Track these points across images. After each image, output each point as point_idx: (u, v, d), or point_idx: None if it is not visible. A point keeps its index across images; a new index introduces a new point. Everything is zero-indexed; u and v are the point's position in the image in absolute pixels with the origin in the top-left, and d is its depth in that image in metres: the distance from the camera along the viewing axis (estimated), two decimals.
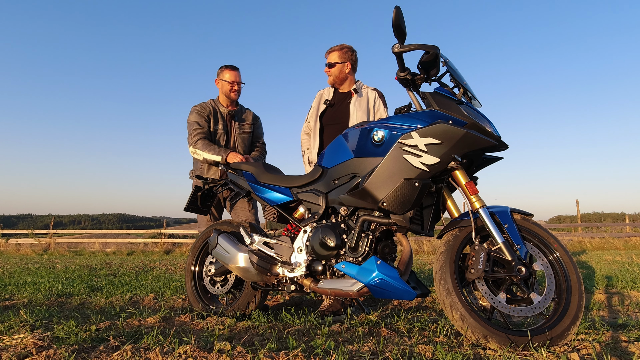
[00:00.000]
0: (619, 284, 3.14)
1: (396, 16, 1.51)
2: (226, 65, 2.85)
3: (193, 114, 2.75)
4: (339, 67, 2.50)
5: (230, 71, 2.81)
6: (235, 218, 2.70)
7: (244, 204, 2.72)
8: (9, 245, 10.84)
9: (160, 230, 12.44)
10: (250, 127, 2.91)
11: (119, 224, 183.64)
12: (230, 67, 2.83)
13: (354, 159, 1.76)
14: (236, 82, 2.81)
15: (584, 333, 1.59)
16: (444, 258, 1.54)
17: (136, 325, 1.81)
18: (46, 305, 2.43)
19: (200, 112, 2.75)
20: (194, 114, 2.75)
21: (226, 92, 2.81)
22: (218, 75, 2.84)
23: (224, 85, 2.81)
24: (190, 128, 2.71)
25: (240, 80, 2.84)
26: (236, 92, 2.83)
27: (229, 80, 2.80)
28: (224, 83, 2.81)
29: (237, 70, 2.84)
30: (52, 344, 1.43)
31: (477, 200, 1.57)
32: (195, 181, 2.71)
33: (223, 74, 2.82)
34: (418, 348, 1.42)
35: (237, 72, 2.84)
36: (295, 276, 1.81)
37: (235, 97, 2.85)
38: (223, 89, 2.82)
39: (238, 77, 2.83)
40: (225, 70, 2.82)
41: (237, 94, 2.85)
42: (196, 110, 2.76)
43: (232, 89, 2.81)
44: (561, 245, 1.53)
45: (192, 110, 2.78)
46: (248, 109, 2.97)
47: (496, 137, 1.57)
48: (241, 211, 2.72)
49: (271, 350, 1.39)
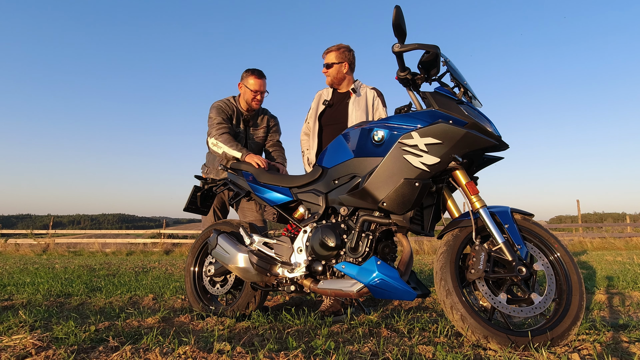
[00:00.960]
0: (619, 285, 3.14)
1: (396, 15, 1.51)
2: (252, 70, 2.63)
3: (217, 109, 2.59)
4: (337, 68, 2.49)
5: (255, 79, 2.60)
6: (243, 218, 2.66)
7: (251, 204, 2.66)
8: (8, 245, 10.83)
9: (159, 231, 12.43)
10: (264, 131, 2.81)
11: (118, 224, 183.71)
12: (256, 74, 2.61)
13: (354, 159, 1.76)
14: (260, 91, 2.62)
15: (585, 333, 1.58)
16: (444, 258, 1.54)
17: (135, 325, 1.81)
18: (45, 305, 2.42)
19: (225, 110, 2.61)
20: (218, 109, 2.59)
21: (247, 100, 2.64)
22: (242, 79, 2.64)
23: (246, 92, 2.63)
24: (214, 122, 2.54)
25: (264, 89, 2.64)
26: (258, 102, 2.66)
27: (252, 88, 2.60)
28: (246, 90, 2.62)
29: (263, 79, 2.63)
30: (52, 345, 1.42)
31: (478, 200, 1.57)
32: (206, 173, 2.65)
33: (247, 79, 2.61)
34: (418, 348, 1.42)
35: (263, 80, 2.63)
36: (295, 276, 1.81)
37: (256, 107, 2.68)
38: (245, 96, 2.64)
39: (263, 86, 2.62)
40: (250, 76, 2.61)
41: (259, 103, 2.67)
42: (221, 107, 2.61)
43: (254, 98, 2.63)
44: (562, 245, 1.53)
45: (216, 106, 2.62)
46: (266, 113, 2.83)
47: (497, 137, 1.57)
48: (248, 211, 2.67)
49: (271, 350, 1.39)
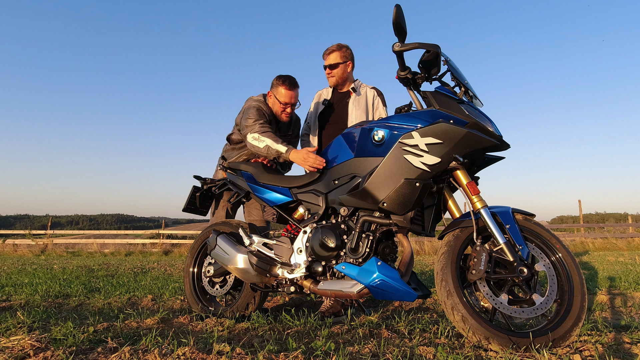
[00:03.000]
0: (621, 285, 3.14)
1: (396, 15, 1.51)
2: (284, 78, 2.34)
3: (256, 109, 2.32)
4: (342, 68, 2.49)
5: (287, 90, 2.33)
6: (248, 216, 2.63)
7: (257, 204, 2.60)
8: (6, 246, 10.82)
9: (158, 231, 12.42)
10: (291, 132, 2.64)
11: (117, 224, 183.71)
12: (287, 84, 2.33)
13: (354, 159, 1.75)
14: (290, 103, 2.36)
15: (587, 334, 1.57)
16: (445, 259, 1.53)
17: (134, 326, 1.80)
18: (44, 306, 2.41)
19: (265, 113, 2.35)
20: (257, 109, 2.32)
21: (277, 112, 2.40)
22: (272, 87, 2.39)
23: (275, 104, 2.38)
24: (257, 120, 2.26)
25: (296, 102, 2.38)
26: (287, 115, 2.41)
27: (282, 100, 2.34)
28: (275, 101, 2.36)
29: (296, 89, 2.37)
30: (50, 346, 1.42)
31: (479, 200, 1.56)
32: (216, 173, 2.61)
33: (278, 89, 2.34)
34: (419, 350, 1.41)
35: (295, 91, 2.36)
36: (295, 277, 1.80)
37: (285, 120, 2.44)
38: (274, 107, 2.39)
39: (294, 98, 2.36)
40: (281, 86, 2.33)
41: (288, 117, 2.43)
42: (260, 108, 2.34)
43: (283, 111, 2.38)
44: (563, 245, 1.52)
45: (255, 105, 2.34)
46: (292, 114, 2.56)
47: (498, 137, 1.56)
48: (254, 210, 2.63)
49: (271, 351, 1.38)
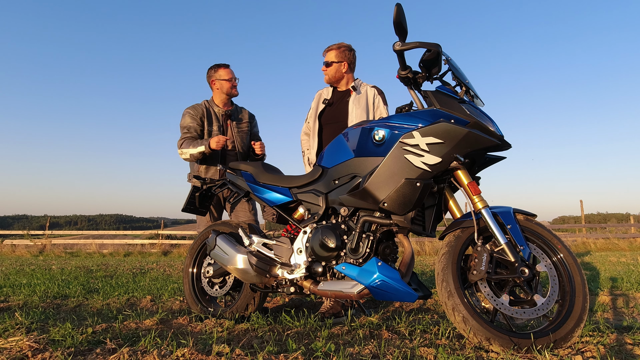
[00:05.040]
0: (623, 286, 3.13)
1: (397, 13, 1.50)
2: (217, 64, 2.78)
3: (185, 117, 2.70)
4: (336, 67, 2.48)
5: (225, 69, 2.75)
6: (235, 219, 2.67)
7: (243, 204, 2.69)
8: (4, 246, 10.78)
9: (157, 231, 12.41)
10: (247, 125, 2.88)
11: (115, 224, 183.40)
12: (223, 65, 2.77)
13: (355, 158, 1.74)
14: (234, 77, 2.77)
15: (588, 335, 1.57)
16: (446, 259, 1.52)
17: (133, 327, 1.79)
18: (42, 307, 2.40)
19: (193, 115, 2.69)
20: (185, 117, 2.70)
21: (227, 90, 2.75)
22: (212, 76, 2.76)
23: (223, 85, 2.74)
24: (181, 132, 2.69)
25: (236, 76, 2.79)
26: (236, 88, 2.79)
27: (227, 77, 2.73)
28: (222, 82, 2.73)
29: (230, 67, 2.80)
30: (48, 347, 1.41)
31: (480, 200, 1.55)
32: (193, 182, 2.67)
33: (218, 73, 2.74)
34: (420, 351, 1.40)
35: (230, 68, 2.79)
36: (294, 278, 1.79)
37: (236, 94, 2.81)
38: (223, 89, 2.75)
39: (234, 73, 2.78)
40: (219, 69, 2.76)
41: (236, 89, 2.81)
42: (188, 113, 2.70)
43: (232, 86, 2.76)
44: (565, 246, 1.52)
45: (185, 114, 2.72)
46: (243, 108, 2.93)
47: (499, 137, 1.56)
48: (241, 212, 2.69)
49: (270, 353, 1.37)
